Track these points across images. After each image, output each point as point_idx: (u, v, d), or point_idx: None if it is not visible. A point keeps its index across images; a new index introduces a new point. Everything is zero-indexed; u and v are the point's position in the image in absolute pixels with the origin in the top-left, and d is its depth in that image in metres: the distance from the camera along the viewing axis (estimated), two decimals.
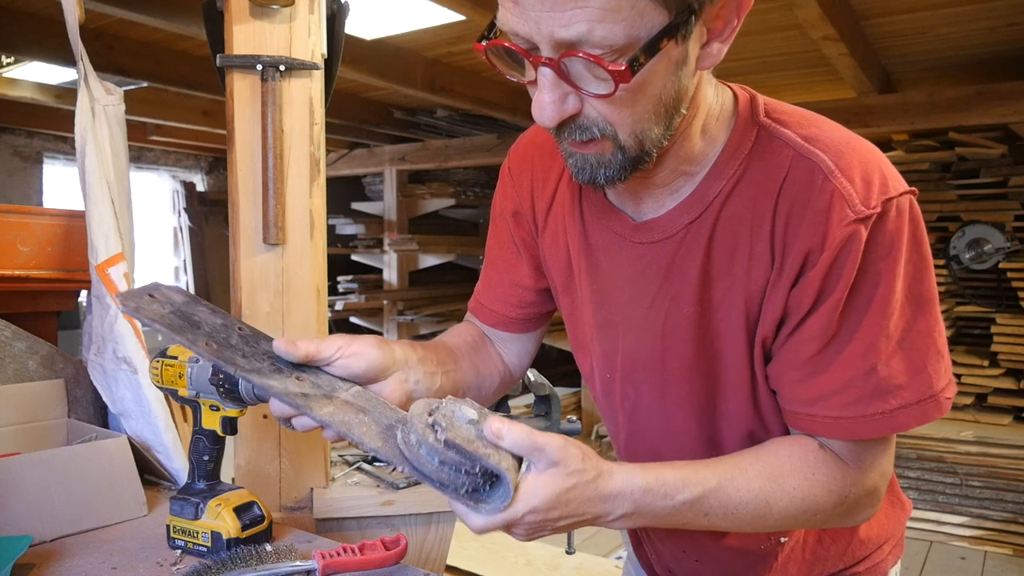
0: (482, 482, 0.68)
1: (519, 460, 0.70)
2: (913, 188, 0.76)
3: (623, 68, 0.64)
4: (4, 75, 4.33)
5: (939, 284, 4.10)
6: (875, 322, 0.74)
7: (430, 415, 0.69)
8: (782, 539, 0.91)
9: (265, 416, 1.44)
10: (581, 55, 0.64)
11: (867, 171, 0.74)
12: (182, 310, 0.81)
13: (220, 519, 1.02)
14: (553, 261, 0.98)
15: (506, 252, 1.04)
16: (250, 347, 0.80)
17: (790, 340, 0.78)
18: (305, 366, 0.80)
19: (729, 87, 0.83)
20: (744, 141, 0.79)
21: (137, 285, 1.31)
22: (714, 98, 0.80)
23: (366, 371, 0.82)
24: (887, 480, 0.83)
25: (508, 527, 0.70)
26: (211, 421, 1.04)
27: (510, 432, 0.68)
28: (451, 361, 0.98)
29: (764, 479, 0.78)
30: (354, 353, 0.81)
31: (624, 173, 0.75)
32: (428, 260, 6.52)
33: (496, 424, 0.68)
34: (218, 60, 1.41)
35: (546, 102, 0.69)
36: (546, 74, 0.67)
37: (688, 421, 0.88)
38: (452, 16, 3.24)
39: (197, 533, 1.03)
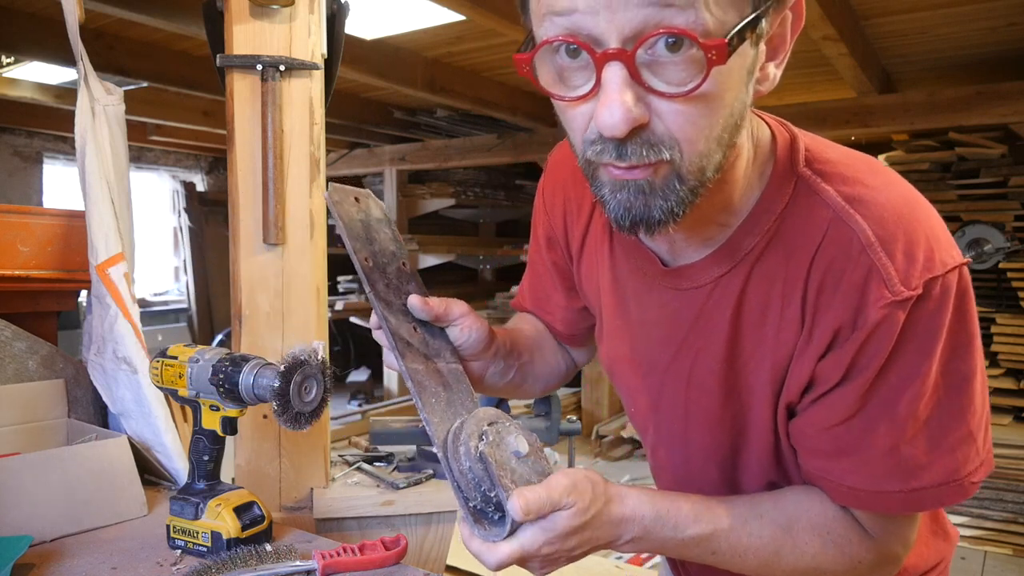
0: (492, 509, 0.69)
1: None
2: (966, 259, 0.70)
3: (722, 43, 0.57)
4: (4, 75, 4.33)
5: None
6: (907, 402, 0.70)
7: (489, 425, 0.71)
8: None
9: (265, 416, 1.44)
10: (663, 31, 0.57)
11: (911, 244, 0.67)
12: (370, 223, 0.86)
13: (220, 519, 1.02)
14: (589, 290, 0.96)
15: (542, 270, 1.04)
16: (398, 281, 0.85)
17: (814, 406, 0.75)
18: (430, 325, 0.85)
19: (766, 122, 0.77)
20: (781, 193, 0.74)
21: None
22: (754, 140, 0.74)
23: (472, 345, 0.86)
24: (909, 549, 0.79)
25: (528, 559, 0.69)
26: (211, 421, 1.04)
27: (537, 505, 0.67)
28: (527, 352, 0.99)
29: (777, 527, 0.76)
30: (471, 327, 0.86)
31: (682, 207, 0.65)
32: (428, 260, 6.52)
33: (520, 503, 0.66)
34: (218, 60, 1.41)
35: (617, 103, 0.59)
36: (616, 71, 0.59)
37: (709, 468, 0.86)
38: (452, 16, 3.24)
39: (197, 533, 1.03)
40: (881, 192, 0.71)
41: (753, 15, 0.60)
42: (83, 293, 1.57)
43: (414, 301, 0.83)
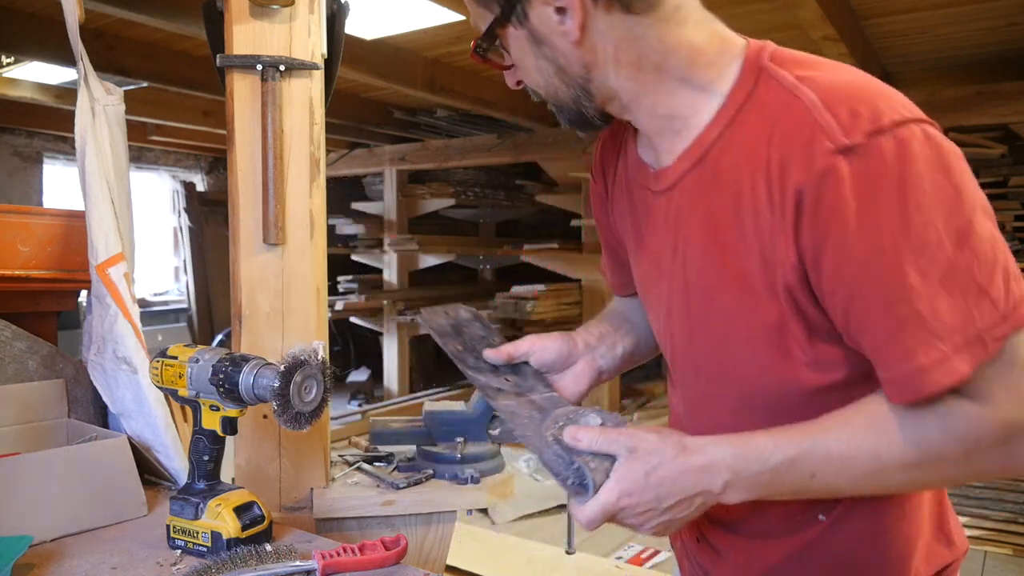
0: (588, 481, 0.76)
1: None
2: (926, 118, 0.69)
3: (476, 51, 0.84)
4: (4, 75, 4.33)
5: None
6: (900, 265, 0.66)
7: (568, 416, 0.84)
8: (820, 516, 0.84)
9: (265, 416, 1.44)
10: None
11: (855, 103, 0.69)
12: (459, 324, 1.03)
13: (220, 519, 1.02)
14: (619, 225, 1.01)
15: (600, 229, 1.09)
16: None
17: (824, 302, 0.73)
18: (519, 369, 0.97)
19: (746, 39, 0.82)
20: (744, 87, 0.78)
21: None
22: (708, 46, 0.80)
23: (556, 360, 0.98)
24: None
25: (612, 514, 0.75)
26: (211, 421, 1.04)
27: (586, 434, 0.77)
28: (625, 324, 1.07)
29: (867, 428, 0.71)
30: (544, 347, 0.97)
31: (574, 124, 0.87)
32: (428, 260, 6.52)
33: (572, 429, 0.78)
34: (218, 60, 1.41)
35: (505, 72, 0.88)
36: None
37: (711, 366, 0.86)
38: (452, 16, 3.24)
39: (197, 533, 1.03)
40: (836, 72, 0.75)
41: (498, 16, 0.80)
42: (83, 293, 1.57)
43: (488, 352, 0.96)
